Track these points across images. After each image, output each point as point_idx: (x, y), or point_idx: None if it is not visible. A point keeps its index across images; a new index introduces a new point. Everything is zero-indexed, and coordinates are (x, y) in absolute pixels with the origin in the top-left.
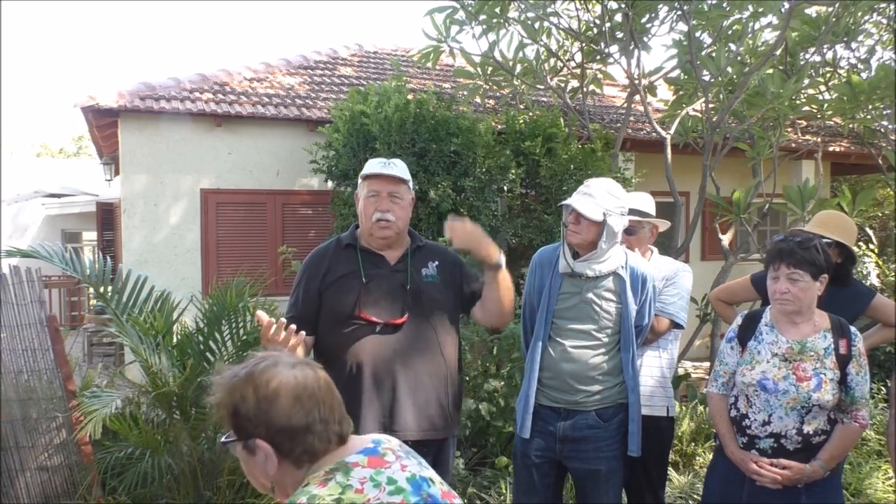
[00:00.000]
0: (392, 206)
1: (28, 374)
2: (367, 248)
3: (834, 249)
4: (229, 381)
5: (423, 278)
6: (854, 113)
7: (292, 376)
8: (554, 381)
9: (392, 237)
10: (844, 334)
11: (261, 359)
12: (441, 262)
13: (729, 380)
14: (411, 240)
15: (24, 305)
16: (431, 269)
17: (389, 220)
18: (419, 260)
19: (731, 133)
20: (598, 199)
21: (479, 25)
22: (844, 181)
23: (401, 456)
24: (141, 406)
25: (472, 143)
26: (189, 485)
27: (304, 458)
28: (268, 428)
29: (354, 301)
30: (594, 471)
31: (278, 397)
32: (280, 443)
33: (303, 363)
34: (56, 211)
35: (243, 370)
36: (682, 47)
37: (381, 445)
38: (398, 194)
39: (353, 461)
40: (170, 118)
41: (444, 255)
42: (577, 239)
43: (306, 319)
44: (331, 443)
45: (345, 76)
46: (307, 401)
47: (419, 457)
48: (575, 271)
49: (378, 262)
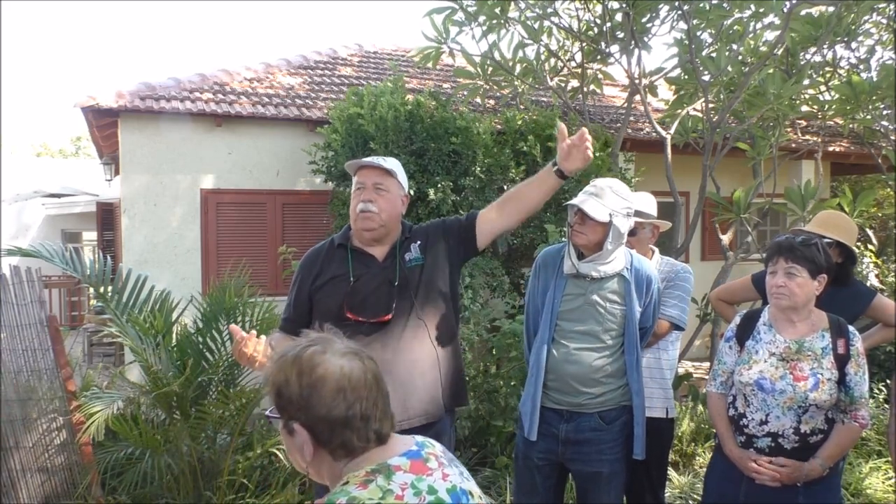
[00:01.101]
0: (376, 198)
1: (28, 374)
2: (358, 248)
3: (835, 249)
4: (279, 359)
5: (407, 265)
6: (854, 113)
7: (338, 366)
8: (557, 384)
9: (376, 229)
10: (843, 334)
11: (313, 341)
12: (423, 240)
13: (727, 379)
14: (402, 231)
15: (24, 305)
16: (414, 251)
17: (372, 211)
18: (404, 248)
19: (731, 133)
20: (604, 200)
21: (478, 26)
22: (844, 181)
23: (444, 463)
24: (141, 406)
25: (471, 143)
26: (189, 485)
27: (340, 452)
28: (307, 415)
29: (341, 302)
30: (596, 473)
31: (321, 386)
32: (318, 432)
33: (353, 353)
34: (56, 211)
35: (293, 351)
36: (682, 46)
37: (424, 449)
38: (383, 186)
39: (395, 464)
40: (170, 118)
41: (427, 231)
42: (582, 240)
43: (299, 322)
44: (369, 441)
45: (345, 76)
46: (349, 394)
47: (461, 465)
48: (580, 272)
49: (368, 262)
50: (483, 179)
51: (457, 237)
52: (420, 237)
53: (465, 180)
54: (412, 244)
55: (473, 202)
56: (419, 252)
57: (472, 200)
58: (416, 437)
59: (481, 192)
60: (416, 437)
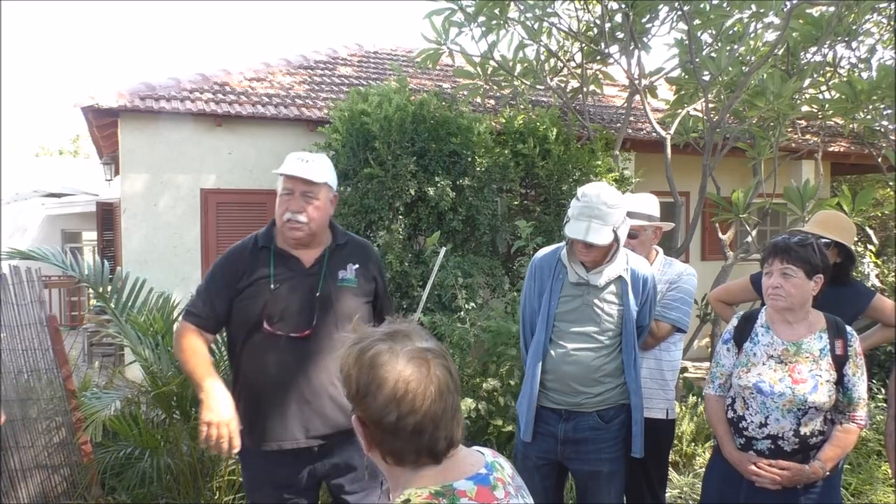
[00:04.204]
0: (305, 206)
1: (28, 374)
2: (283, 250)
3: (833, 249)
4: (349, 347)
5: (339, 282)
6: (854, 113)
7: (398, 373)
8: (556, 384)
9: (303, 238)
10: (840, 335)
11: (386, 336)
12: (361, 265)
13: (725, 381)
14: (333, 237)
15: (24, 305)
16: (350, 272)
17: (301, 222)
18: (338, 261)
19: (731, 133)
20: (605, 220)
21: (478, 27)
22: (844, 181)
23: (510, 493)
24: (141, 406)
25: (471, 143)
26: (189, 485)
27: (390, 458)
28: (363, 412)
29: (260, 311)
30: (596, 472)
31: (376, 390)
32: (371, 432)
33: (420, 357)
34: (56, 211)
35: (361, 343)
36: (683, 46)
37: (493, 474)
38: (312, 194)
39: (460, 489)
40: (170, 118)
41: (367, 258)
42: (589, 258)
43: (209, 319)
44: (419, 455)
45: (345, 76)
46: (403, 405)
47: (527, 494)
48: (590, 283)
49: (292, 265)
50: (482, 179)
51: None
52: (358, 259)
53: (464, 180)
54: (349, 264)
55: (472, 202)
56: (354, 275)
57: (471, 201)
58: (486, 454)
59: (480, 192)
60: (487, 454)
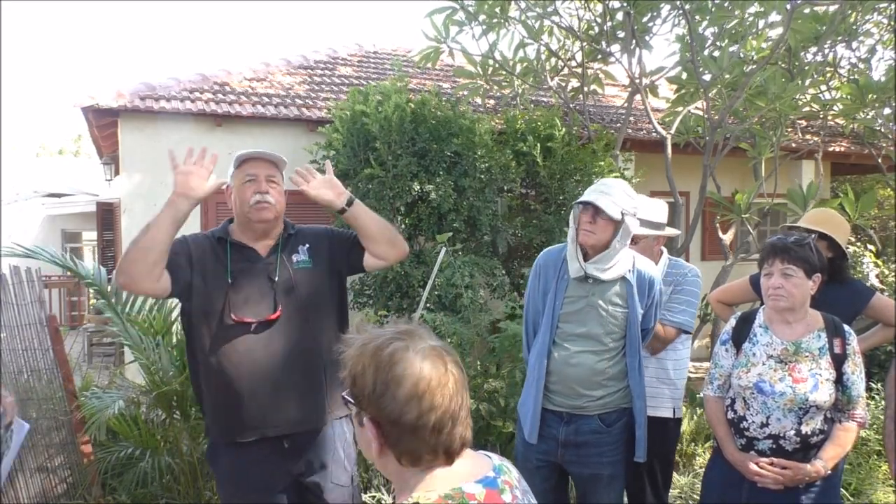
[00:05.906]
0: (270, 189)
1: (28, 374)
2: (238, 242)
3: (822, 243)
4: (360, 346)
5: (295, 265)
6: (857, 112)
7: (418, 369)
8: (558, 386)
9: (271, 220)
10: (839, 333)
11: (399, 335)
12: (312, 243)
13: (724, 382)
14: (284, 228)
15: (24, 305)
16: (303, 253)
17: (270, 202)
18: (291, 247)
19: (731, 133)
20: (615, 198)
21: (478, 26)
22: (845, 181)
23: (517, 497)
24: (141, 406)
25: (472, 143)
26: (189, 485)
27: (406, 459)
28: (378, 412)
29: (223, 303)
30: (596, 475)
31: (395, 387)
32: (387, 432)
33: (436, 354)
34: (56, 211)
35: (375, 342)
36: (684, 43)
37: (500, 477)
38: (275, 179)
39: (470, 492)
40: (170, 118)
41: (314, 235)
42: (592, 239)
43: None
44: (437, 454)
45: (345, 76)
46: (424, 402)
47: (532, 497)
48: (587, 273)
49: (249, 256)
50: (483, 180)
51: (345, 249)
52: (308, 240)
53: (465, 180)
54: (300, 246)
55: (474, 202)
56: (307, 255)
57: (472, 201)
58: (493, 458)
59: (481, 193)
60: (494, 458)
